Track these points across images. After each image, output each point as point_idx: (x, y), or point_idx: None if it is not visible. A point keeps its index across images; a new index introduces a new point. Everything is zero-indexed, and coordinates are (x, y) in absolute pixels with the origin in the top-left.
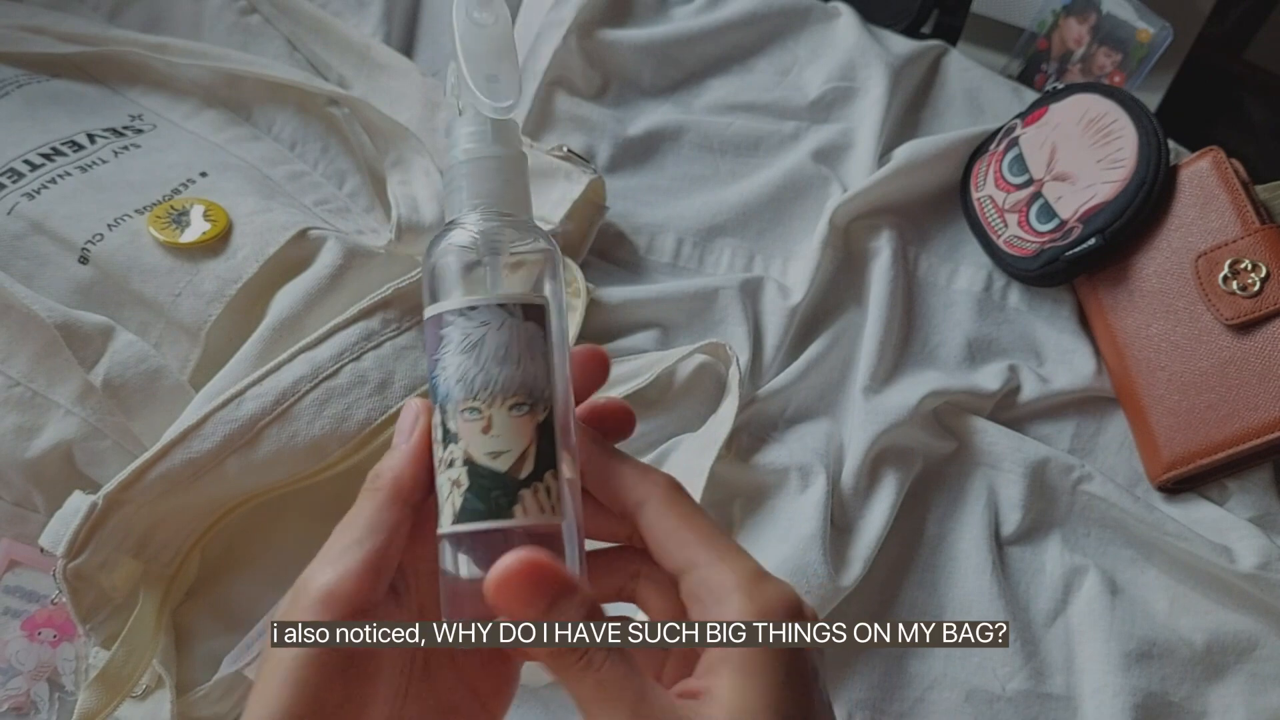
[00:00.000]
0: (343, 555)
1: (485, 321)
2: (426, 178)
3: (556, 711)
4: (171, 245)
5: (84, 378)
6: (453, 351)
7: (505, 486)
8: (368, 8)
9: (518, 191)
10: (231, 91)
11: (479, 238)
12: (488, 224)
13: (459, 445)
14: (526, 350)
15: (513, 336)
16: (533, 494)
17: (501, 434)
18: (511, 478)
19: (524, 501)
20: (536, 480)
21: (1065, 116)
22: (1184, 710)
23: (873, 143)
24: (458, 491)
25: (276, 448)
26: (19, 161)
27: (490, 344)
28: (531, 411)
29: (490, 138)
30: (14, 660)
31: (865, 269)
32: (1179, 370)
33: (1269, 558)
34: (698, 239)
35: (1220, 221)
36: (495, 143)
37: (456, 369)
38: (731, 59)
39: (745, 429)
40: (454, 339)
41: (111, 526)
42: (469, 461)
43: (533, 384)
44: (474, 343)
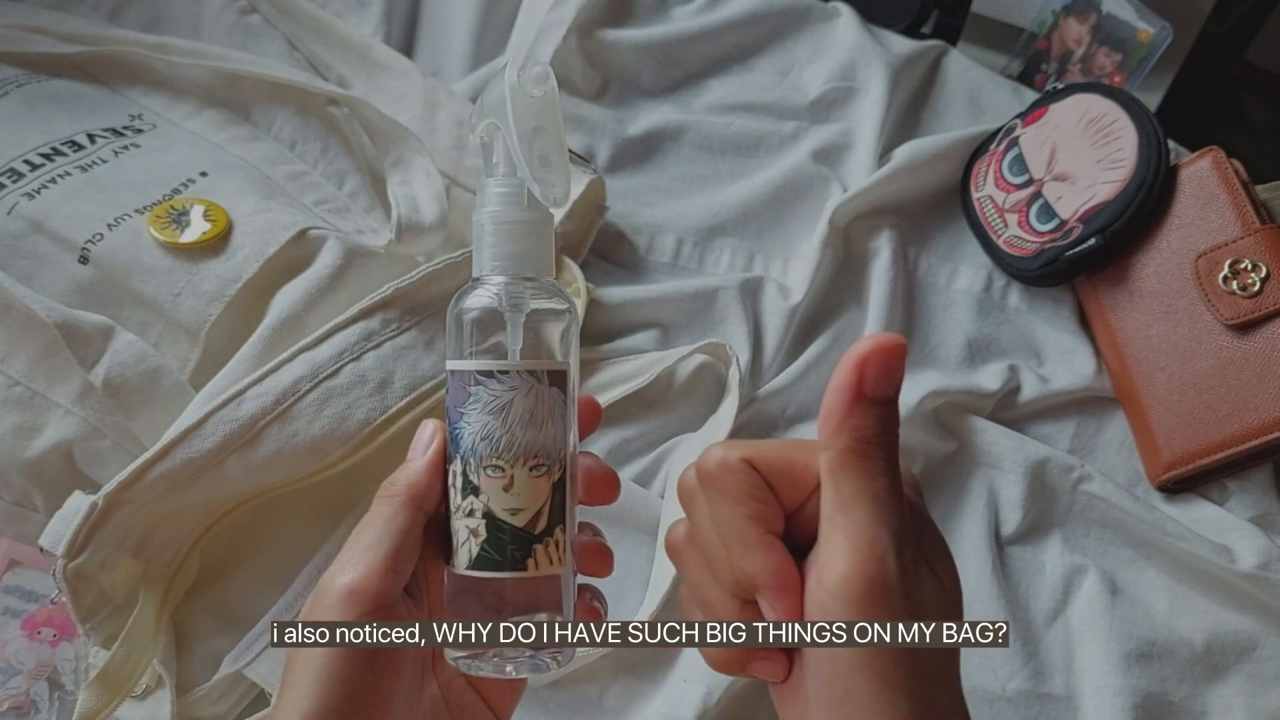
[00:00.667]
0: (363, 556)
1: (514, 386)
2: (426, 178)
3: (556, 712)
4: (171, 245)
5: (84, 377)
6: (480, 410)
7: (520, 541)
8: (368, 8)
9: (543, 254)
10: (231, 91)
11: (504, 298)
12: (512, 285)
13: (479, 498)
14: (549, 415)
15: (538, 402)
16: (544, 548)
17: (521, 493)
18: (527, 533)
19: (536, 556)
20: (548, 536)
21: (1065, 116)
22: (1184, 710)
23: (873, 143)
24: (475, 540)
25: (277, 447)
26: (19, 161)
27: (517, 408)
28: (549, 472)
29: (521, 202)
30: (14, 660)
31: (865, 269)
32: (1179, 370)
33: (1269, 558)
34: (698, 239)
35: (1220, 221)
36: (527, 208)
37: (483, 427)
38: (731, 59)
39: (745, 429)
40: (482, 398)
41: (111, 526)
42: (488, 515)
43: (551, 447)
44: (502, 405)
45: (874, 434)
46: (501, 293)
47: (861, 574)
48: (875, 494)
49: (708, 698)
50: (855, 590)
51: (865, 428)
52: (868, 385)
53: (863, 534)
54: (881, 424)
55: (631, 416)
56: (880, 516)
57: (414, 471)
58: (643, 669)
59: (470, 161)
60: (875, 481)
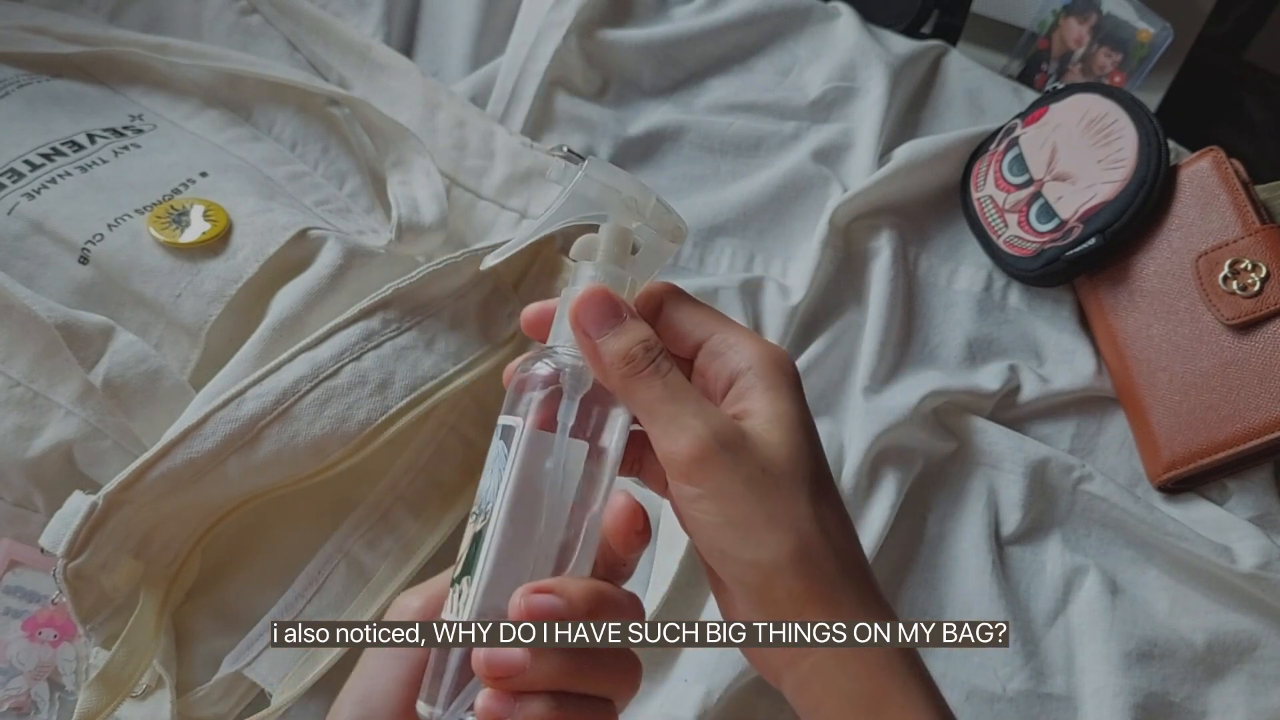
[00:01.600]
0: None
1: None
2: (427, 178)
3: None
4: (172, 245)
5: (84, 378)
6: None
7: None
8: (368, 8)
9: None
10: (232, 92)
11: (567, 375)
12: (577, 363)
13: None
14: (493, 465)
15: (503, 452)
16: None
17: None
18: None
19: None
20: (454, 584)
21: (1065, 116)
22: (1184, 710)
23: (873, 143)
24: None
25: (277, 448)
26: (19, 161)
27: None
28: (475, 520)
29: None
30: (14, 660)
31: (865, 269)
32: (1179, 370)
33: (1269, 558)
34: (698, 239)
35: (1220, 221)
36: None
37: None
38: (731, 59)
39: None
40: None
41: (112, 527)
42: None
43: (483, 496)
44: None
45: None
46: (567, 372)
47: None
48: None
49: (708, 698)
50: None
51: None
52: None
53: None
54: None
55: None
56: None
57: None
58: (643, 669)
59: (470, 162)
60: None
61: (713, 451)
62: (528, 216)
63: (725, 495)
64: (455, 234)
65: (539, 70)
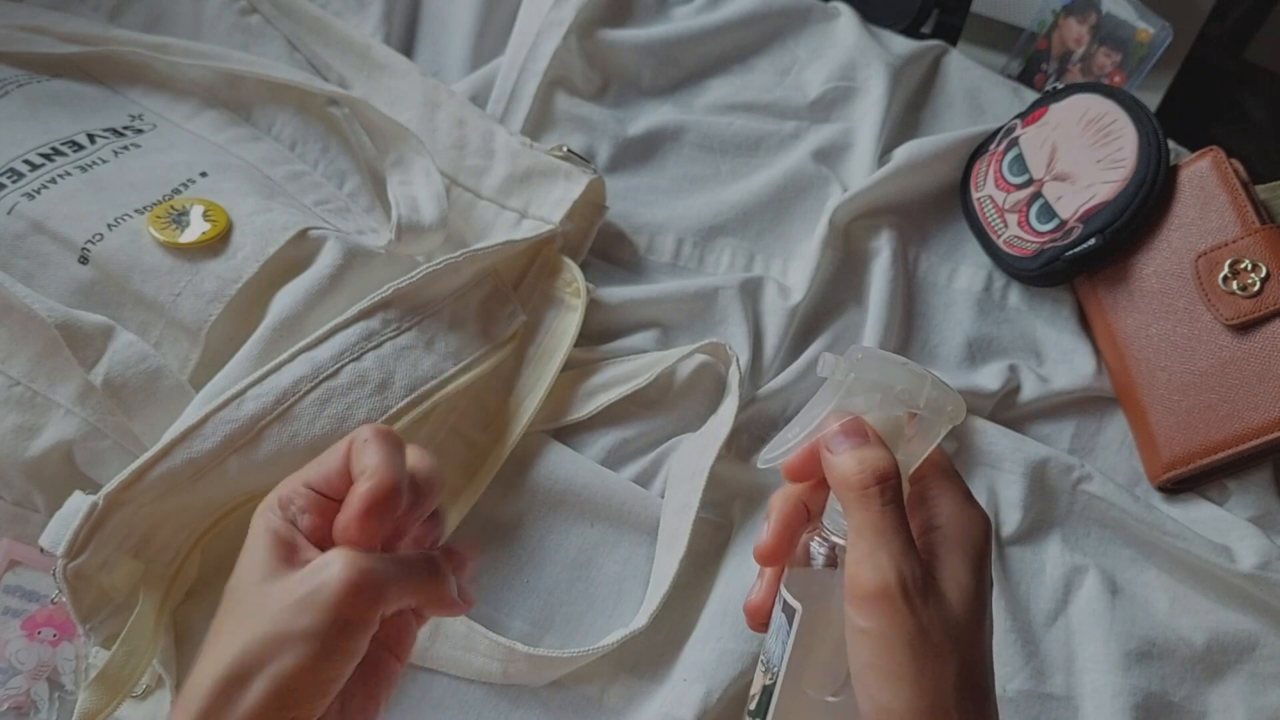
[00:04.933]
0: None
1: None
2: (426, 178)
3: (556, 711)
4: (171, 245)
5: (84, 378)
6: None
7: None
8: (368, 8)
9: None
10: (232, 92)
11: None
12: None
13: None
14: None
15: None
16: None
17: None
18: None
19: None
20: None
21: (1065, 116)
22: (1184, 710)
23: (873, 143)
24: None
25: (277, 448)
26: (19, 161)
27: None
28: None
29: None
30: (14, 660)
31: (865, 269)
32: (1179, 370)
33: (1269, 557)
34: (698, 239)
35: (1220, 221)
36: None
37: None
38: (731, 59)
39: (745, 429)
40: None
41: (112, 526)
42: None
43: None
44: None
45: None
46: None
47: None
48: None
49: (708, 697)
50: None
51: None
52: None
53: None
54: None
55: (631, 416)
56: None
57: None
58: (643, 669)
59: (470, 161)
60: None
61: (890, 598)
62: (528, 216)
63: (885, 641)
64: (455, 234)
65: (539, 70)
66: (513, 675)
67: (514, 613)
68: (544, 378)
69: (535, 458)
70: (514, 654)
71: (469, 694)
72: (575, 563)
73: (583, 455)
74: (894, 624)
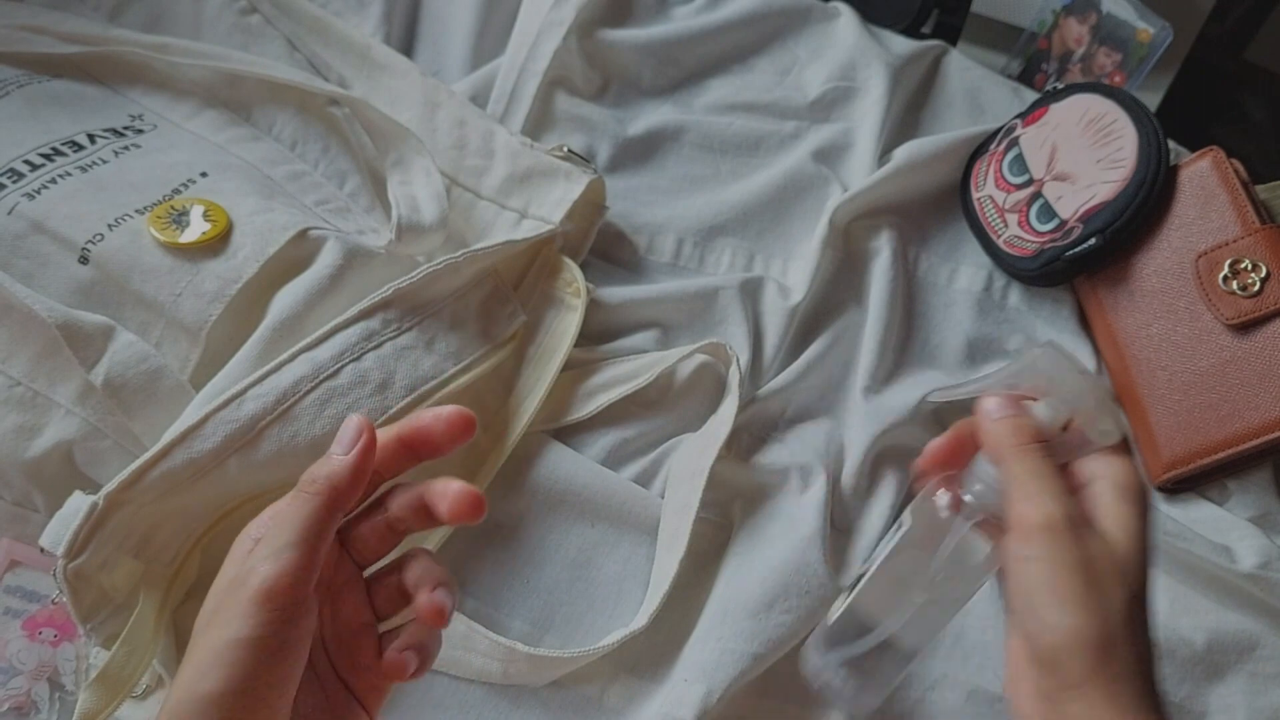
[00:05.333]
0: (280, 554)
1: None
2: (427, 178)
3: (556, 711)
4: (172, 245)
5: (84, 378)
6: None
7: None
8: (368, 8)
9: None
10: (232, 92)
11: (966, 508)
12: (974, 503)
13: None
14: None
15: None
16: None
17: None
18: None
19: None
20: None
21: (1065, 116)
22: (1184, 710)
23: (873, 143)
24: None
25: (277, 448)
26: (19, 161)
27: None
28: None
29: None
30: (14, 660)
31: (865, 269)
32: (1179, 370)
33: (1269, 557)
34: (698, 239)
35: (1220, 221)
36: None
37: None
38: (731, 59)
39: (745, 429)
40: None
41: (112, 526)
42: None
43: None
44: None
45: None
46: (968, 506)
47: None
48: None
49: (708, 697)
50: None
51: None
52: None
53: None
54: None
55: (631, 416)
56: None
57: (337, 471)
58: (643, 669)
59: (470, 161)
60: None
61: (1060, 525)
62: (528, 216)
63: (1056, 563)
64: (455, 234)
65: (539, 70)
66: (513, 675)
67: (514, 613)
68: (544, 378)
69: (535, 458)
70: (514, 654)
71: (469, 694)
72: (575, 563)
73: (583, 455)
74: (1062, 550)
